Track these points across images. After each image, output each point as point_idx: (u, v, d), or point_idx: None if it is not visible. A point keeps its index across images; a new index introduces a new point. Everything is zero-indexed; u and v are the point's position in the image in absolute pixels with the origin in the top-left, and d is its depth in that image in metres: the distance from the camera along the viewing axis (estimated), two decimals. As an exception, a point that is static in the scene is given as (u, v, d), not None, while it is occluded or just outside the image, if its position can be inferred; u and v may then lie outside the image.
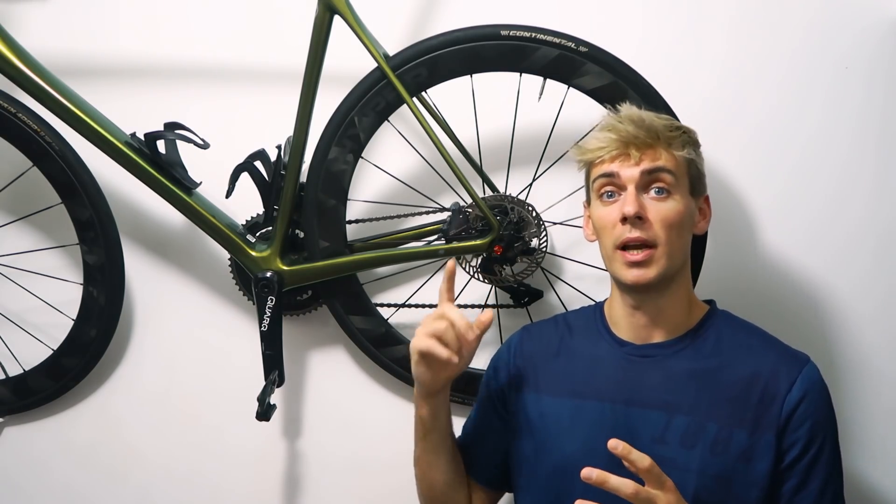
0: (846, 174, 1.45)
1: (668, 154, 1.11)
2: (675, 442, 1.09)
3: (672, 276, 1.13)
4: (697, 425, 1.09)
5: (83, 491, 1.64)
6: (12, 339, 1.61)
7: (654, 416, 1.11)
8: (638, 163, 1.10)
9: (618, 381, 1.14)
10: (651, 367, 1.14)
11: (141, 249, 1.59)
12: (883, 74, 1.43)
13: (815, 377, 1.11)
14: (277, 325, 1.42)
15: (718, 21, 1.45)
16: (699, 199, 1.17)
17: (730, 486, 1.07)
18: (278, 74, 1.52)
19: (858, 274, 1.46)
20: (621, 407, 1.13)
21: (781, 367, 1.10)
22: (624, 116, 1.14)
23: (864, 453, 1.46)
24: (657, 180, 1.11)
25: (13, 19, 1.51)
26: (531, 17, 1.34)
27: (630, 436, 1.10)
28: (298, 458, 1.59)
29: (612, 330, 1.19)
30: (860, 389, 1.47)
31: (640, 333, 1.16)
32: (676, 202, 1.11)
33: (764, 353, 1.13)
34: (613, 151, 1.12)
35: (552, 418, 1.18)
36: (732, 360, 1.12)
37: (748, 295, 1.45)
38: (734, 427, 1.08)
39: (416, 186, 1.50)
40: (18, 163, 1.48)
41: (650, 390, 1.12)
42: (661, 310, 1.14)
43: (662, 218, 1.10)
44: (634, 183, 1.10)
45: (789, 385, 1.09)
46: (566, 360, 1.20)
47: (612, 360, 1.16)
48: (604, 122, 1.16)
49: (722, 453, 1.08)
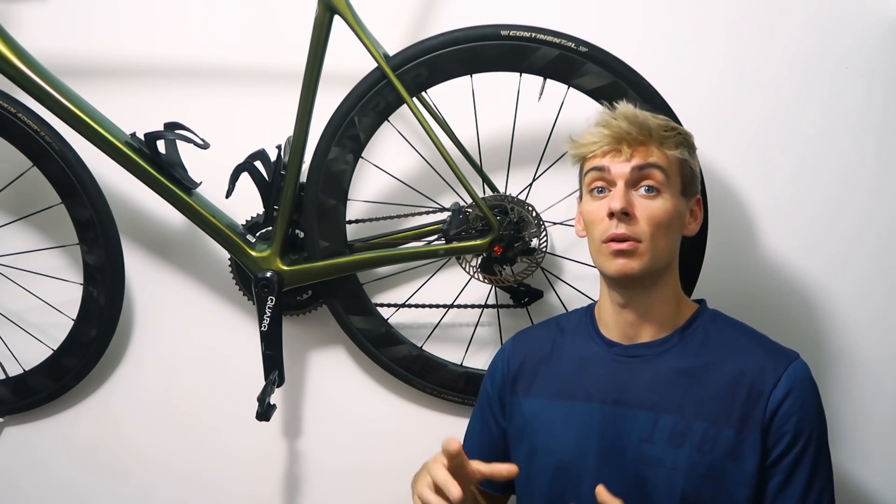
0: (846, 174, 1.45)
1: (659, 152, 1.12)
2: (662, 441, 1.10)
3: (658, 274, 1.13)
4: (685, 424, 1.09)
5: (83, 491, 1.64)
6: (12, 339, 1.61)
7: (641, 416, 1.11)
8: (629, 159, 1.11)
9: (606, 382, 1.15)
10: (638, 367, 1.14)
11: (141, 249, 1.59)
12: (883, 74, 1.43)
13: (802, 374, 1.10)
14: (277, 325, 1.42)
15: (718, 21, 1.45)
16: (691, 200, 1.17)
17: (718, 485, 1.08)
18: (278, 74, 1.52)
19: (859, 275, 1.46)
20: (610, 407, 1.13)
21: (768, 364, 1.10)
22: (619, 113, 1.14)
23: (862, 455, 1.46)
24: (647, 177, 1.11)
25: (13, 19, 1.51)
26: (531, 17, 1.34)
27: (618, 436, 1.12)
28: (298, 458, 1.59)
29: (600, 331, 1.19)
30: (858, 391, 1.47)
31: (628, 332, 1.16)
32: (665, 201, 1.11)
33: (751, 351, 1.13)
34: (605, 147, 1.12)
35: (544, 421, 1.18)
36: (720, 359, 1.12)
37: (747, 296, 1.45)
38: (721, 425, 1.08)
39: (416, 186, 1.50)
40: (18, 163, 1.48)
41: (638, 390, 1.13)
42: (647, 308, 1.14)
43: (650, 215, 1.10)
44: (624, 179, 1.10)
45: (774, 382, 1.09)
46: (557, 363, 1.21)
47: (600, 361, 1.17)
48: (598, 117, 1.16)
49: (709, 452, 1.08)
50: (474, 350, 1.51)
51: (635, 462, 1.11)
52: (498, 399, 1.27)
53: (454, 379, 1.48)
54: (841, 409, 1.47)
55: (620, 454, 1.12)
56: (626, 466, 1.11)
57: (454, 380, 1.48)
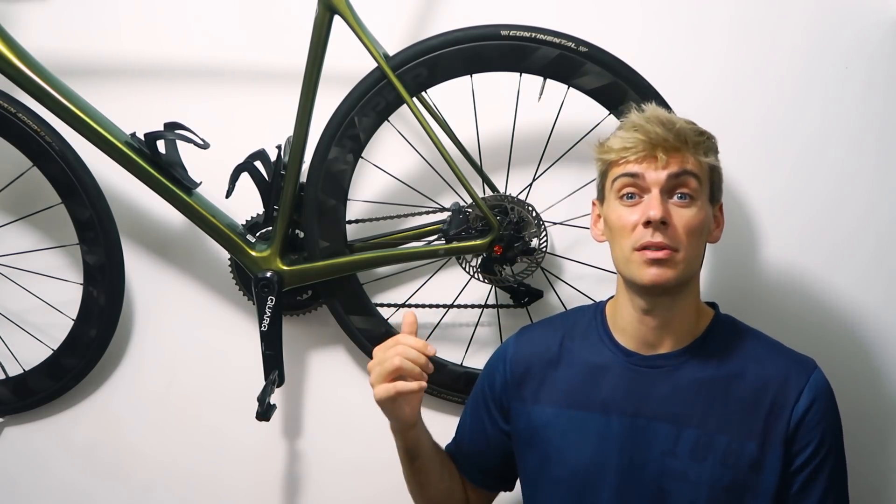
0: (846, 174, 1.45)
1: (694, 159, 1.08)
2: (685, 455, 1.08)
3: (686, 282, 1.11)
4: (707, 438, 1.08)
5: (83, 491, 1.63)
6: (12, 339, 1.61)
7: (663, 429, 1.09)
8: (665, 166, 1.07)
9: (624, 393, 1.12)
10: (658, 378, 1.12)
11: (141, 249, 1.59)
12: (883, 74, 1.43)
13: (822, 384, 1.10)
14: (277, 325, 1.42)
15: (718, 21, 1.45)
16: (715, 206, 1.15)
17: (741, 498, 1.07)
18: (278, 74, 1.52)
19: (857, 273, 1.46)
20: (629, 419, 1.11)
21: (790, 375, 1.09)
22: (651, 116, 1.10)
23: (862, 452, 1.46)
24: (682, 185, 1.08)
25: (13, 19, 1.51)
26: (531, 17, 1.34)
27: (639, 449, 1.10)
28: (298, 457, 1.59)
29: (615, 337, 1.16)
30: (857, 389, 1.47)
31: (648, 340, 1.13)
32: (699, 209, 1.08)
33: (772, 362, 1.11)
34: (641, 153, 1.07)
35: (557, 430, 1.16)
36: (741, 370, 1.11)
37: (747, 295, 1.45)
38: (744, 439, 1.07)
39: (416, 186, 1.50)
40: (18, 163, 1.48)
41: (658, 402, 1.10)
42: (671, 316, 1.12)
43: (685, 224, 1.07)
44: (660, 186, 1.07)
45: (797, 394, 1.08)
46: (567, 369, 1.18)
47: (616, 370, 1.14)
48: (628, 121, 1.11)
49: (733, 466, 1.07)
50: (474, 350, 1.51)
51: (657, 476, 1.09)
52: (499, 401, 1.24)
53: (454, 379, 1.48)
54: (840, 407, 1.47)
55: (641, 468, 1.10)
56: (646, 480, 1.09)
57: (454, 380, 1.48)
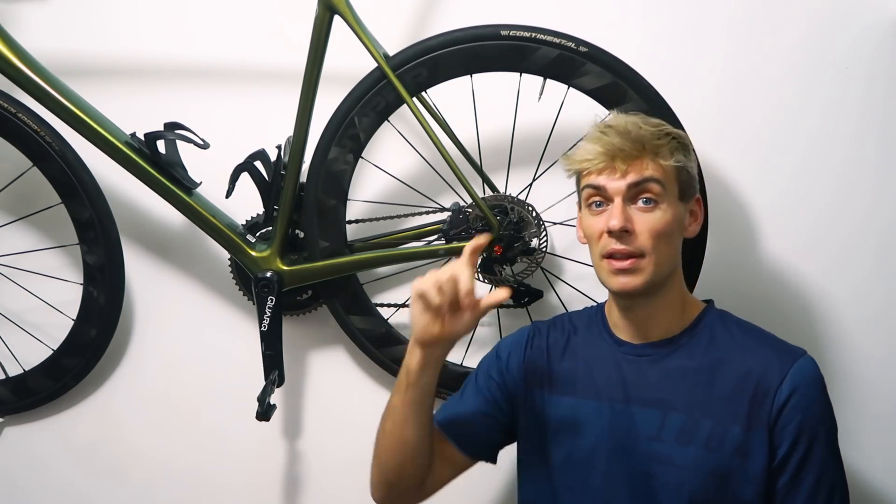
0: (846, 174, 1.45)
1: (654, 164, 1.10)
2: (670, 439, 1.11)
3: (661, 282, 1.13)
4: (692, 422, 1.10)
5: (83, 490, 1.63)
6: (12, 339, 1.61)
7: (649, 414, 1.12)
8: (624, 175, 1.09)
9: (616, 380, 1.16)
10: (647, 366, 1.15)
11: (141, 249, 1.59)
12: (883, 74, 1.43)
13: (808, 371, 1.10)
14: (277, 325, 1.42)
15: (718, 21, 1.45)
16: (690, 201, 1.17)
17: (726, 483, 1.08)
18: (278, 74, 1.52)
19: (858, 274, 1.46)
20: (619, 405, 1.15)
21: (774, 362, 1.10)
22: (610, 126, 1.13)
23: (861, 455, 1.46)
24: (644, 191, 1.10)
25: (13, 19, 1.51)
26: (531, 17, 1.34)
27: (628, 434, 1.13)
28: (298, 457, 1.59)
29: (611, 330, 1.20)
30: (858, 390, 1.47)
31: (637, 333, 1.17)
32: (664, 212, 1.10)
33: (758, 350, 1.13)
34: (600, 164, 1.11)
35: (557, 416, 1.19)
36: (727, 358, 1.13)
37: (747, 296, 1.45)
38: (729, 423, 1.09)
39: (416, 186, 1.50)
40: (18, 163, 1.48)
41: (646, 388, 1.14)
42: (651, 313, 1.15)
43: (650, 228, 1.09)
44: (621, 195, 1.10)
45: (780, 380, 1.09)
46: (571, 360, 1.22)
47: (610, 360, 1.18)
48: (591, 132, 1.15)
49: (717, 449, 1.08)
50: (474, 350, 1.51)
51: (643, 459, 1.11)
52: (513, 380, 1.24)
53: (454, 379, 1.47)
54: (840, 408, 1.45)
55: (630, 452, 1.13)
56: (634, 464, 1.12)
57: (454, 380, 1.48)
